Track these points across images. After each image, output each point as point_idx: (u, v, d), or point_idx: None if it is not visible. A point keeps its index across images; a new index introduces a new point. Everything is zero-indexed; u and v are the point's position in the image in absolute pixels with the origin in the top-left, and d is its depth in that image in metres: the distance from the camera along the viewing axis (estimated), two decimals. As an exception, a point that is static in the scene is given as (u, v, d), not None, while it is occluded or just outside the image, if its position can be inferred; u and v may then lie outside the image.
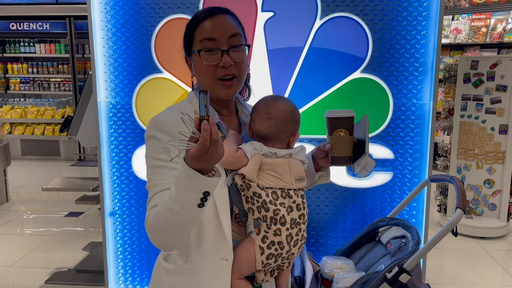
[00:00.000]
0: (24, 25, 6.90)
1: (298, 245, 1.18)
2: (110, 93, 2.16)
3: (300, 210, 1.17)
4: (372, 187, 2.14)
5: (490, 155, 3.90)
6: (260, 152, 1.16)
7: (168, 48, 2.08)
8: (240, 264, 1.15)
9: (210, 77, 1.13)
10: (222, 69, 1.13)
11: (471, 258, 3.47)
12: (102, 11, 2.08)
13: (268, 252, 1.13)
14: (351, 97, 2.06)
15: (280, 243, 1.14)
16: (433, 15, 1.99)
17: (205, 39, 1.12)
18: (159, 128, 1.12)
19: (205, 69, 1.13)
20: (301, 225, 1.17)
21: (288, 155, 1.19)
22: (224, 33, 1.12)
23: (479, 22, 5.43)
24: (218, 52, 1.12)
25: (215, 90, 1.15)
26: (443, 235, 1.59)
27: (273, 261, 1.15)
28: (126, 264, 2.31)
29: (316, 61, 2.05)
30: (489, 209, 3.98)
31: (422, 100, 2.06)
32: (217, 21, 1.14)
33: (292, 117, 1.20)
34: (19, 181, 5.43)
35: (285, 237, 1.14)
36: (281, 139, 1.20)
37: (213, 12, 1.15)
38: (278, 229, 1.14)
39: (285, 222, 1.14)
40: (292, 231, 1.15)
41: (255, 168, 1.14)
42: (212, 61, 1.12)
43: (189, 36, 1.17)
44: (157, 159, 1.11)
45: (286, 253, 1.16)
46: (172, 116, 1.13)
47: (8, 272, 3.17)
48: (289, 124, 1.20)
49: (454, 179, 1.73)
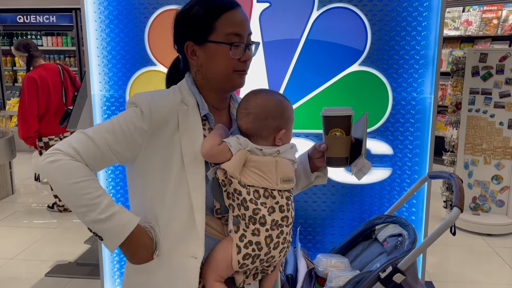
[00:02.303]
0: (31, 17, 6.93)
1: (279, 248, 1.12)
2: (104, 86, 2.13)
3: (284, 212, 1.12)
4: (370, 183, 2.09)
5: (499, 150, 3.80)
6: (246, 148, 1.12)
7: (162, 40, 2.04)
8: (217, 263, 1.11)
9: (230, 68, 1.14)
10: (242, 63, 1.15)
11: (477, 255, 3.39)
12: (95, 2, 2.05)
13: (245, 251, 1.09)
14: (349, 90, 2.00)
15: (258, 244, 1.09)
16: (435, 5, 1.92)
17: (234, 33, 1.13)
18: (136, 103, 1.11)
19: (227, 60, 1.14)
20: (283, 227, 1.12)
21: (275, 153, 1.14)
22: (246, 29, 1.16)
23: (490, 13, 5.29)
24: (242, 46, 1.15)
25: (230, 80, 1.16)
26: (439, 234, 1.53)
27: (250, 262, 1.10)
28: (121, 258, 2.30)
29: (313, 54, 1.99)
30: (496, 205, 3.89)
31: (423, 94, 1.99)
32: (240, 16, 1.15)
33: (272, 112, 1.14)
34: (24, 173, 5.47)
35: (264, 238, 1.09)
36: (262, 136, 1.14)
37: (233, 4, 1.15)
38: (257, 229, 1.09)
39: (265, 222, 1.09)
40: (272, 232, 1.10)
41: (238, 164, 1.10)
42: (238, 54, 1.14)
43: (205, 24, 1.13)
44: (125, 125, 1.08)
45: (265, 255, 1.11)
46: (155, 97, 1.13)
47: (9, 265, 3.19)
48: (269, 119, 1.14)
49: (453, 176, 1.67)
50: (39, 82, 3.89)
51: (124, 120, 1.10)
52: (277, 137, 1.15)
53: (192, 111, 1.15)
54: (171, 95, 1.16)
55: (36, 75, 3.91)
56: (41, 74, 3.94)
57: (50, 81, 3.97)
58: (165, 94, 1.16)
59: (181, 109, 1.14)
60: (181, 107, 1.14)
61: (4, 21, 7.06)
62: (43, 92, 3.91)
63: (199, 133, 1.14)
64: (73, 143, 1.05)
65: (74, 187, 1.02)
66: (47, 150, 1.07)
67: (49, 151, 1.05)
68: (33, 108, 3.86)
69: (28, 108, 3.86)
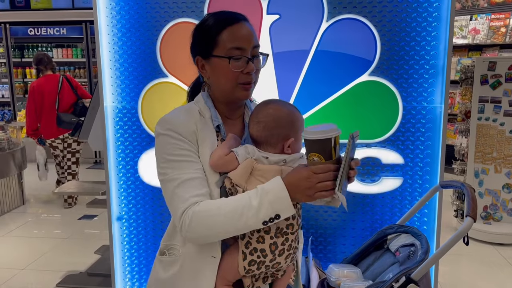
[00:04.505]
0: (42, 30, 7.04)
1: (284, 255, 1.14)
2: (117, 98, 2.16)
3: (288, 220, 1.13)
4: (381, 193, 2.09)
5: (509, 159, 3.78)
6: (253, 157, 1.14)
7: (173, 52, 2.07)
8: (225, 267, 1.15)
9: (233, 81, 1.19)
10: (246, 75, 1.19)
11: (489, 265, 3.36)
12: (108, 16, 2.08)
13: (250, 258, 1.12)
14: (359, 100, 2.01)
15: (263, 251, 1.12)
16: (444, 15, 1.93)
17: (234, 48, 1.17)
18: (169, 127, 1.17)
19: (229, 74, 1.18)
20: (288, 234, 1.13)
21: (282, 162, 1.15)
22: (250, 43, 1.19)
23: (498, 22, 5.29)
24: (243, 59, 1.18)
25: (235, 93, 1.20)
26: (452, 244, 1.53)
27: (256, 268, 1.12)
28: (133, 268, 2.31)
29: (323, 64, 2.01)
30: (508, 214, 3.85)
31: (433, 103, 1.99)
32: (244, 30, 1.19)
33: (282, 121, 1.17)
34: (35, 184, 5.52)
35: (269, 245, 1.11)
36: (271, 143, 1.17)
37: (237, 18, 1.20)
38: (261, 237, 1.11)
39: (269, 230, 1.11)
40: (277, 240, 1.12)
41: (243, 173, 1.12)
42: (239, 67, 1.18)
43: (209, 39, 1.19)
44: (171, 155, 1.15)
45: (270, 261, 1.13)
46: (180, 116, 1.20)
47: (21, 275, 3.21)
48: (278, 128, 1.16)
49: (465, 185, 1.67)
50: (36, 89, 4.59)
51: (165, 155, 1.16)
52: (286, 145, 1.17)
53: (208, 122, 1.21)
54: (191, 109, 1.23)
55: (35, 84, 4.64)
56: (39, 83, 4.63)
57: (45, 89, 4.61)
58: (187, 110, 1.23)
59: (200, 121, 1.20)
60: (200, 119, 1.20)
61: (15, 34, 7.17)
62: (38, 97, 4.59)
63: (213, 143, 1.20)
64: (180, 195, 1.11)
65: (221, 221, 1.08)
66: (183, 218, 1.11)
67: (181, 218, 1.10)
68: (31, 110, 4.62)
69: (27, 111, 4.65)
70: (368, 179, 2.08)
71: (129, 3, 2.06)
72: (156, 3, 2.05)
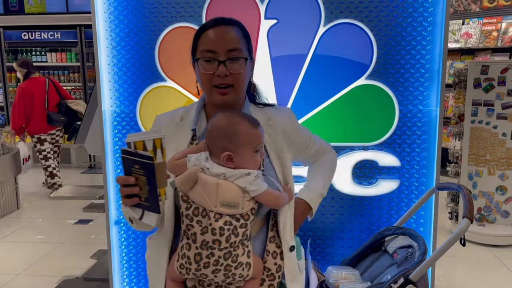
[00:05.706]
0: (36, 34, 7.01)
1: (210, 269, 1.13)
2: (115, 102, 2.16)
3: (215, 236, 1.10)
4: (378, 195, 2.11)
5: (502, 161, 3.82)
6: (199, 164, 1.15)
7: (172, 56, 2.08)
8: (171, 264, 1.23)
9: (207, 83, 1.22)
10: (218, 77, 1.20)
11: (483, 266, 3.39)
12: (106, 20, 2.09)
13: (181, 261, 1.17)
14: (356, 104, 2.04)
15: (189, 258, 1.14)
16: (439, 20, 1.96)
17: (205, 50, 1.20)
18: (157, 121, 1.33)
19: (203, 76, 1.23)
20: (215, 250, 1.11)
21: (221, 175, 1.12)
22: (224, 45, 1.19)
23: (490, 26, 5.36)
24: (215, 62, 1.20)
25: (211, 96, 1.24)
26: (450, 245, 1.55)
27: (185, 272, 1.16)
28: (131, 272, 2.31)
29: (320, 68, 2.03)
30: (502, 216, 3.90)
31: (429, 106, 2.02)
32: (219, 32, 1.21)
33: (219, 132, 1.15)
34: (30, 188, 5.48)
35: (193, 255, 1.13)
36: (214, 154, 1.16)
37: (218, 23, 1.22)
38: (188, 244, 1.14)
39: (196, 240, 1.13)
40: (202, 251, 1.12)
41: (185, 180, 1.14)
42: (209, 69, 1.20)
43: (194, 44, 1.26)
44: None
45: (196, 270, 1.14)
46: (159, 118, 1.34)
47: (17, 280, 3.19)
48: (217, 139, 1.15)
49: (462, 187, 1.69)
50: (25, 90, 5.06)
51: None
52: (223, 158, 1.14)
53: (187, 125, 1.28)
54: (174, 113, 1.33)
55: (24, 85, 5.11)
56: (28, 85, 5.11)
57: (35, 91, 5.10)
58: (171, 113, 1.34)
59: (174, 123, 1.29)
60: (174, 124, 1.29)
61: (9, 38, 7.14)
62: (28, 98, 5.05)
63: (181, 146, 1.26)
64: None
65: None
66: None
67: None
68: (20, 109, 5.04)
69: (16, 109, 5.04)
70: (365, 182, 2.10)
71: (128, 8, 2.07)
72: (155, 7, 2.07)
